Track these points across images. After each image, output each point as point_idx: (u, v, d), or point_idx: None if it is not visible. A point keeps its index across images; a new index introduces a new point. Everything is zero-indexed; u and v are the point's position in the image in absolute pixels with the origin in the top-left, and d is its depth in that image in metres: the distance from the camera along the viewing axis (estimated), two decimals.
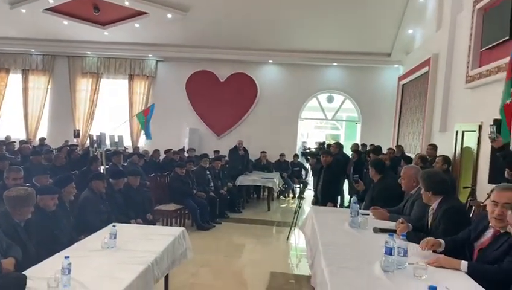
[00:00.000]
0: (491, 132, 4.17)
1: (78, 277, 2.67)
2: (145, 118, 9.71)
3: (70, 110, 13.91)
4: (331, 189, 6.60)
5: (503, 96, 4.61)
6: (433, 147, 7.63)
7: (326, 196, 6.44)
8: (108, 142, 9.69)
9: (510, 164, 4.06)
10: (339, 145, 9.22)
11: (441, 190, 3.49)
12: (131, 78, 13.81)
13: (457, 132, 7.46)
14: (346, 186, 9.15)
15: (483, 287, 2.44)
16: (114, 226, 3.57)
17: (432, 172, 3.84)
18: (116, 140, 9.99)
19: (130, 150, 11.81)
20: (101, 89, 14.00)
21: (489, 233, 2.83)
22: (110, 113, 14.08)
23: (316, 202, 6.79)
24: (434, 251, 3.04)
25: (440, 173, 4.17)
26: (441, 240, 3.06)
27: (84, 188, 5.08)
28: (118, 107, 14.01)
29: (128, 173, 6.15)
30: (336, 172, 6.84)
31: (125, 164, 8.55)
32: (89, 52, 13.62)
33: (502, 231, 2.67)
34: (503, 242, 2.61)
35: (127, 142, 12.83)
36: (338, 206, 7.37)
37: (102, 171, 7.48)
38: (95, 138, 9.51)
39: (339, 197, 7.91)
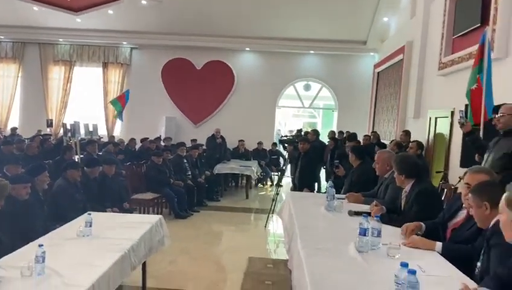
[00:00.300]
0: (460, 116, 4.29)
1: (53, 265, 2.63)
2: (122, 107, 9.56)
3: (43, 99, 13.56)
4: (309, 175, 6.69)
5: (469, 82, 4.74)
6: (407, 133, 7.80)
7: (304, 182, 6.52)
8: (82, 131, 9.53)
9: (479, 148, 4.18)
10: (316, 133, 9.34)
11: (413, 173, 3.59)
12: (105, 66, 13.53)
13: (430, 118, 7.62)
14: (323, 173, 9.27)
15: (456, 266, 2.51)
16: (89, 214, 3.53)
17: (405, 156, 3.94)
18: (91, 129, 9.84)
19: (105, 139, 11.63)
20: (74, 77, 13.67)
21: (462, 214, 2.92)
22: (84, 102, 13.78)
23: (294, 188, 6.85)
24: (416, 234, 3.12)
25: (413, 156, 4.29)
26: (422, 223, 3.13)
27: (58, 178, 4.99)
28: (93, 95, 13.72)
29: (103, 162, 6.06)
30: (313, 159, 6.93)
31: (100, 153, 8.42)
32: (60, 40, 13.26)
33: None
34: (475, 222, 2.69)
35: (102, 131, 12.64)
36: (316, 192, 7.47)
37: (76, 160, 7.35)
38: (68, 127, 9.34)
39: (316, 184, 8.01)
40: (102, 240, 3.31)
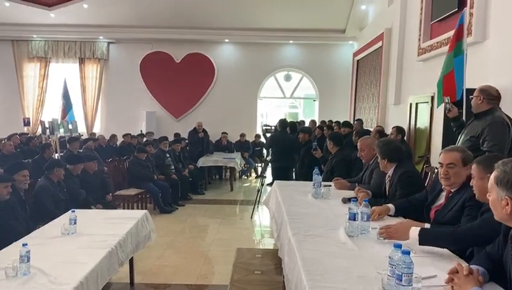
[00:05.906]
0: (446, 102, 4.32)
1: (38, 264, 2.57)
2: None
3: (18, 98, 13.21)
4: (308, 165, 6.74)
5: (444, 68, 4.76)
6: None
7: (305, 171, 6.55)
8: (61, 128, 9.35)
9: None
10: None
11: (395, 157, 3.65)
12: (82, 61, 13.24)
13: (411, 104, 7.70)
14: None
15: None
16: (73, 211, 3.45)
17: (387, 140, 3.99)
18: (70, 126, 9.66)
19: (85, 136, 11.42)
20: (50, 74, 13.34)
21: (443, 194, 2.95)
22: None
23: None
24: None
25: (394, 141, 4.34)
26: (389, 205, 3.21)
27: (38, 177, 4.87)
28: (70, 92, 13.36)
29: (84, 159, 5.94)
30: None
31: (81, 150, 8.26)
32: (34, 36, 12.91)
33: (453, 191, 2.79)
34: (457, 201, 2.72)
35: (82, 128, 12.41)
36: None
37: (56, 158, 7.20)
38: (47, 125, 9.13)
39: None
40: (87, 237, 3.24)
